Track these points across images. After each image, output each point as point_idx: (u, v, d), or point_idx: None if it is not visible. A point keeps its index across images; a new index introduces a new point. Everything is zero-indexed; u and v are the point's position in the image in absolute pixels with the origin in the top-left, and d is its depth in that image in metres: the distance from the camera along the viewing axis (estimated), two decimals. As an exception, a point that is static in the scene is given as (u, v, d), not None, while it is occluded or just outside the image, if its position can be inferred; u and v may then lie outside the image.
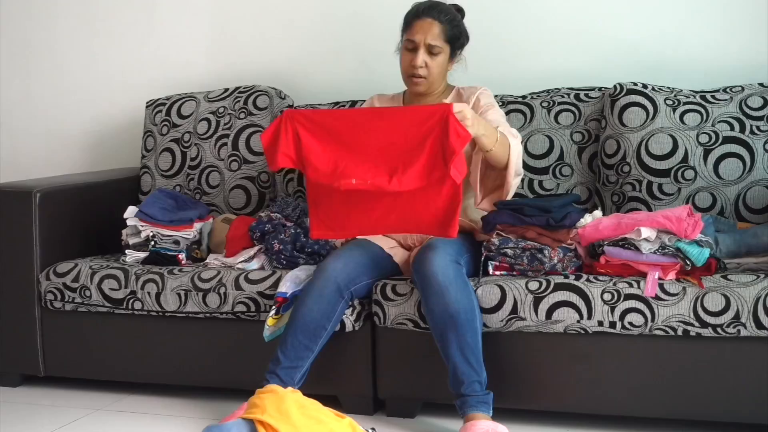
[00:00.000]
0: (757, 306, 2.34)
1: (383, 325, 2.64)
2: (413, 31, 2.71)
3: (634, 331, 2.44)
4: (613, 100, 2.99)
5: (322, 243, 2.84)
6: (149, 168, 3.51)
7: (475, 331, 2.45)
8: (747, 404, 2.40)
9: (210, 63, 3.73)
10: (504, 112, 2.84)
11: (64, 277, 2.98)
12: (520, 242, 2.58)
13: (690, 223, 2.46)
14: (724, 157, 2.85)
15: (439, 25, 2.70)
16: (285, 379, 2.52)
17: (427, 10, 2.72)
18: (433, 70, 2.72)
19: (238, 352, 2.83)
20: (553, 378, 2.54)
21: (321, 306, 2.55)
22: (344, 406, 2.70)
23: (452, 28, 2.72)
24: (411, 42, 2.71)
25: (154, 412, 2.80)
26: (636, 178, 2.91)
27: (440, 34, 2.70)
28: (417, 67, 2.70)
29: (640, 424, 2.55)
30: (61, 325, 3.02)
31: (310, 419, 2.13)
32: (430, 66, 2.72)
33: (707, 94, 2.95)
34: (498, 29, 3.33)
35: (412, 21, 2.72)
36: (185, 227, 3.08)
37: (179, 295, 2.84)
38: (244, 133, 3.38)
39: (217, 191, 3.39)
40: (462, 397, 2.45)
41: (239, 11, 3.67)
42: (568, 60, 3.29)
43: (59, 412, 2.84)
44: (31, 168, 3.94)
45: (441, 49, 2.71)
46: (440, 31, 2.70)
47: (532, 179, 3.05)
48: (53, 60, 3.96)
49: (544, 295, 2.49)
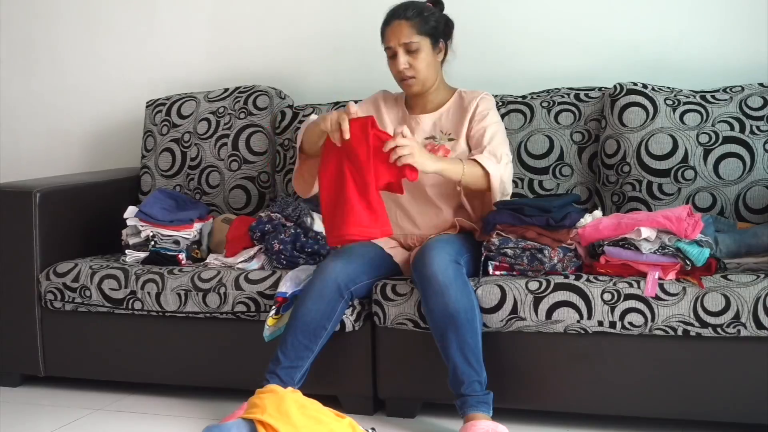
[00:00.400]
0: (757, 306, 2.34)
1: (383, 325, 2.64)
2: (387, 38, 2.73)
3: (634, 331, 2.44)
4: (613, 100, 2.99)
5: (322, 243, 2.84)
6: (149, 168, 3.51)
7: (475, 331, 2.45)
8: (747, 404, 2.40)
9: (210, 63, 3.73)
10: (501, 119, 2.82)
11: (64, 277, 2.98)
12: (520, 242, 2.58)
13: (690, 223, 2.46)
14: (724, 157, 2.85)
15: (406, 22, 2.71)
16: (285, 379, 2.52)
17: (392, 14, 2.75)
18: (418, 67, 2.72)
19: (238, 352, 2.83)
20: (553, 378, 2.54)
21: (321, 306, 2.55)
22: (344, 406, 2.70)
23: (423, 20, 2.72)
24: (389, 50, 2.74)
25: (154, 412, 2.80)
26: (636, 178, 2.91)
27: (411, 30, 2.71)
28: (402, 70, 2.72)
29: (640, 424, 2.55)
30: (61, 325, 3.02)
31: (310, 419, 2.13)
32: (414, 64, 2.72)
33: (707, 94, 2.95)
34: (498, 29, 3.33)
35: (384, 30, 2.75)
36: (185, 227, 3.08)
37: (179, 295, 2.84)
38: (244, 133, 3.38)
39: (217, 191, 3.39)
40: (462, 397, 2.45)
41: (239, 11, 3.67)
42: (568, 60, 3.29)
43: (59, 412, 2.84)
44: (31, 168, 3.94)
45: (418, 44, 2.71)
46: (410, 27, 2.71)
47: (532, 179, 3.05)
48: (54, 60, 3.96)
49: (544, 295, 2.49)
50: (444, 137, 2.77)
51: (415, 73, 2.73)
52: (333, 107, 3.32)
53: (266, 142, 3.38)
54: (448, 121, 2.79)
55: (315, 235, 2.86)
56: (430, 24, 2.73)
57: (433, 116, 2.81)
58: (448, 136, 2.77)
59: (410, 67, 2.72)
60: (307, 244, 2.84)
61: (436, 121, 2.80)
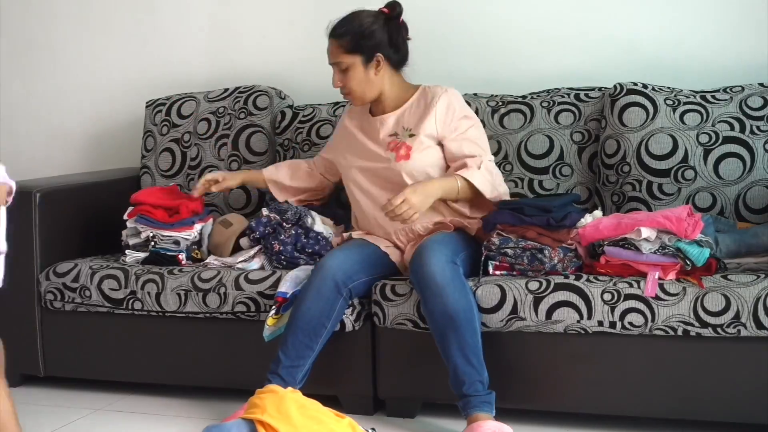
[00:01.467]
0: (757, 306, 2.34)
1: (383, 325, 2.64)
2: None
3: (634, 331, 2.44)
4: (613, 100, 2.99)
5: (322, 243, 2.84)
6: (149, 168, 3.51)
7: (474, 330, 2.45)
8: (747, 404, 2.40)
9: (210, 63, 3.73)
10: (473, 113, 2.84)
11: (64, 277, 2.98)
12: (521, 242, 2.58)
13: (690, 223, 2.46)
14: (724, 157, 2.84)
15: (335, 41, 2.75)
16: (287, 379, 2.52)
17: (328, 31, 2.77)
18: (350, 84, 2.76)
19: (238, 352, 2.83)
20: (553, 378, 2.54)
21: (320, 304, 2.56)
22: (344, 406, 2.70)
23: (352, 37, 2.72)
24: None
25: (154, 413, 2.80)
26: (636, 178, 2.91)
27: (339, 50, 2.74)
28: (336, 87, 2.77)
29: (640, 424, 2.55)
30: (61, 325, 3.02)
31: (310, 419, 2.13)
32: (345, 83, 2.76)
33: (707, 94, 2.95)
34: (498, 29, 3.33)
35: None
36: (185, 228, 3.07)
37: (179, 295, 2.83)
38: (244, 133, 3.38)
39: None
40: (465, 397, 2.44)
41: (239, 11, 3.67)
42: (568, 60, 3.28)
43: (59, 412, 2.84)
44: (31, 168, 3.93)
45: (347, 63, 2.73)
46: (337, 47, 2.74)
47: (532, 179, 3.04)
48: (53, 60, 3.96)
49: (544, 295, 2.49)
50: (405, 133, 2.78)
51: (347, 90, 2.77)
52: (333, 107, 3.32)
53: (266, 143, 3.38)
54: (410, 116, 2.80)
55: (315, 235, 2.86)
56: (361, 42, 2.72)
57: (396, 114, 2.82)
58: (409, 131, 2.78)
59: (344, 86, 2.76)
60: (307, 244, 2.84)
61: (399, 118, 2.81)
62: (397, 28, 2.78)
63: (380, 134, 2.81)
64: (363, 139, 2.85)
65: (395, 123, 2.81)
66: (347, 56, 2.73)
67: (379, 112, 2.85)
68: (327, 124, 3.28)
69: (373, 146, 2.82)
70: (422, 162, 2.74)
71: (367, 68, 2.75)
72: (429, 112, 2.76)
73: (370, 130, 2.85)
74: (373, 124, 2.84)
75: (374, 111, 2.86)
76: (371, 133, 2.84)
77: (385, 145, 2.79)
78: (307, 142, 3.25)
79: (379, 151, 2.80)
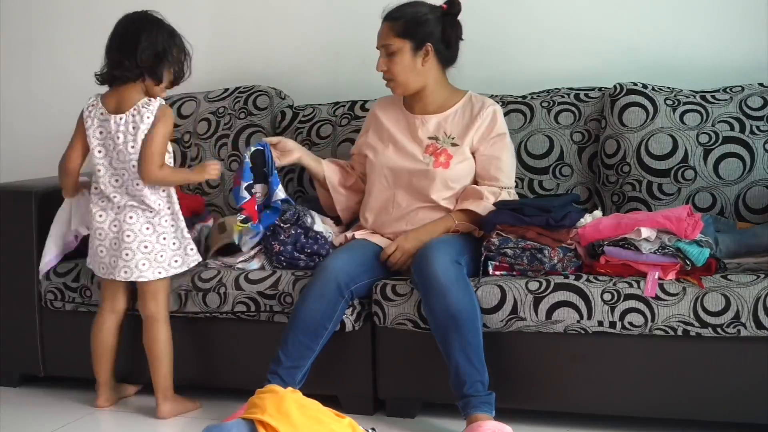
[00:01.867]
0: (757, 306, 2.34)
1: (383, 325, 2.64)
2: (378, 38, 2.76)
3: (634, 331, 2.44)
4: (613, 100, 2.99)
5: (321, 243, 2.84)
6: (149, 168, 3.50)
7: (476, 331, 2.46)
8: (747, 404, 2.40)
9: (210, 63, 3.72)
10: (508, 132, 2.84)
11: (64, 277, 2.97)
12: (520, 242, 2.58)
13: (690, 223, 2.47)
14: (724, 157, 2.84)
15: (388, 24, 2.73)
16: (286, 379, 2.52)
17: (384, 18, 2.76)
18: (394, 70, 2.73)
19: (238, 352, 2.83)
20: (553, 378, 2.54)
21: (322, 306, 2.56)
22: (344, 406, 2.70)
23: (405, 22, 2.71)
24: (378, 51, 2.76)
25: (155, 412, 2.80)
26: (636, 178, 2.91)
27: (390, 32, 2.72)
28: (380, 71, 2.74)
29: (640, 424, 2.55)
30: (61, 325, 3.02)
31: (310, 419, 2.13)
32: (390, 68, 2.73)
33: (707, 94, 2.95)
34: (498, 29, 3.32)
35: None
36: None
37: (179, 295, 2.83)
38: (244, 133, 3.38)
39: (217, 191, 3.39)
40: (465, 398, 2.44)
41: (239, 11, 3.67)
42: (567, 60, 3.28)
43: (59, 412, 2.84)
44: (31, 168, 3.93)
45: (397, 47, 2.71)
46: (389, 29, 2.72)
47: (532, 179, 3.04)
48: (53, 60, 3.95)
49: (544, 295, 2.49)
50: (447, 140, 2.76)
51: (391, 75, 2.74)
52: (333, 107, 3.32)
53: (266, 142, 3.37)
54: (454, 124, 2.79)
55: (315, 235, 2.86)
56: (415, 27, 2.71)
57: (438, 117, 2.80)
58: (452, 140, 2.77)
59: (388, 71, 2.74)
60: (307, 244, 2.83)
61: (441, 122, 2.80)
62: (452, 25, 2.77)
63: (419, 133, 2.79)
64: (398, 134, 2.82)
65: (437, 126, 2.79)
66: (397, 39, 2.71)
67: (420, 111, 2.82)
68: (327, 124, 3.28)
69: (409, 144, 2.79)
70: (459, 173, 2.74)
71: (415, 56, 2.72)
72: (474, 124, 2.76)
73: (407, 126, 2.81)
74: (411, 122, 2.82)
75: (414, 109, 2.84)
76: (409, 130, 2.81)
77: (423, 147, 2.77)
78: (307, 142, 3.25)
79: (416, 151, 2.78)
